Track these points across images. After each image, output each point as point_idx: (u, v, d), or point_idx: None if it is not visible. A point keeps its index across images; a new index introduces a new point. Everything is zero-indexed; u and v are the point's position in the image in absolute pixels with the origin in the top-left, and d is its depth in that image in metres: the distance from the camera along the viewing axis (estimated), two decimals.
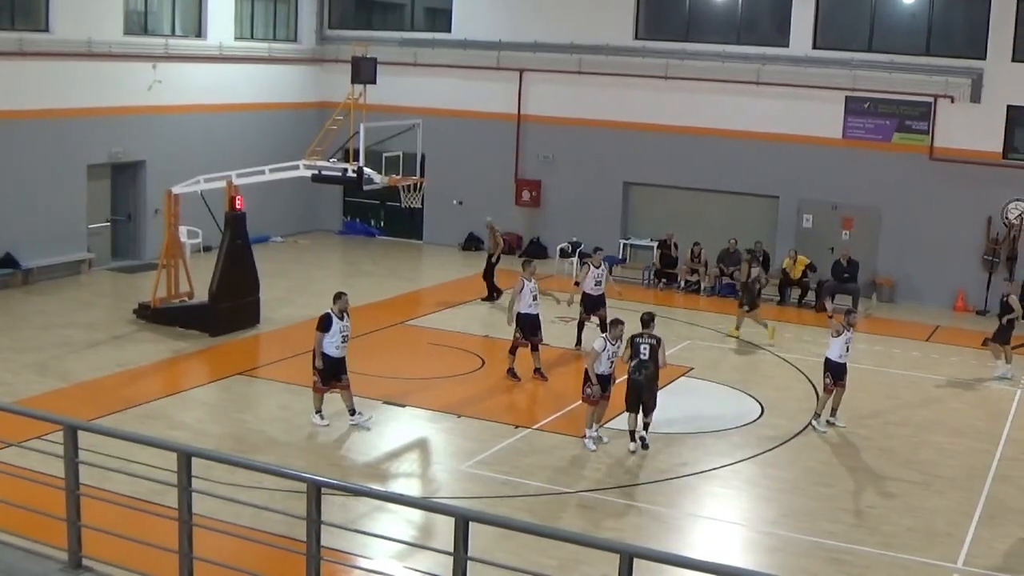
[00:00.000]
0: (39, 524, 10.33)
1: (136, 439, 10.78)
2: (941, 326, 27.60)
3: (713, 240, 30.40)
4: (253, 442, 17.63)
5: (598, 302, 23.62)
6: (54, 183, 27.89)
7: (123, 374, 20.94)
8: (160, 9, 31.22)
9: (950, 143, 29.11)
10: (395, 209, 30.49)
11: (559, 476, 16.79)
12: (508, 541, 12.89)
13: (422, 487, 16.57)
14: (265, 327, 24.56)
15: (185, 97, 31.22)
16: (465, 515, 8.38)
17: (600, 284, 23.71)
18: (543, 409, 19.99)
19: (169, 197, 24.66)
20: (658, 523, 15.43)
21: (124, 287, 27.74)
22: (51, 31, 27.66)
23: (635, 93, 32.14)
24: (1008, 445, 19.16)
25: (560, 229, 33.38)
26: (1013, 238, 28.60)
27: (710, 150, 31.41)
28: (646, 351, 17.82)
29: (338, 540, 12.55)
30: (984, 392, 22.45)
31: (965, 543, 15.07)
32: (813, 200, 30.69)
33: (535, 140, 33.77)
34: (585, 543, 8.83)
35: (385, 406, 19.62)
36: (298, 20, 35.68)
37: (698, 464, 17.67)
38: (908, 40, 29.82)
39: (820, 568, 14.16)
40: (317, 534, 8.92)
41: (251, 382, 21.14)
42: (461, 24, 34.37)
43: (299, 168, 24.54)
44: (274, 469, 11.05)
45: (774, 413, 20.21)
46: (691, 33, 31.92)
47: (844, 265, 28.72)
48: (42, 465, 11.83)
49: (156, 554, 10.03)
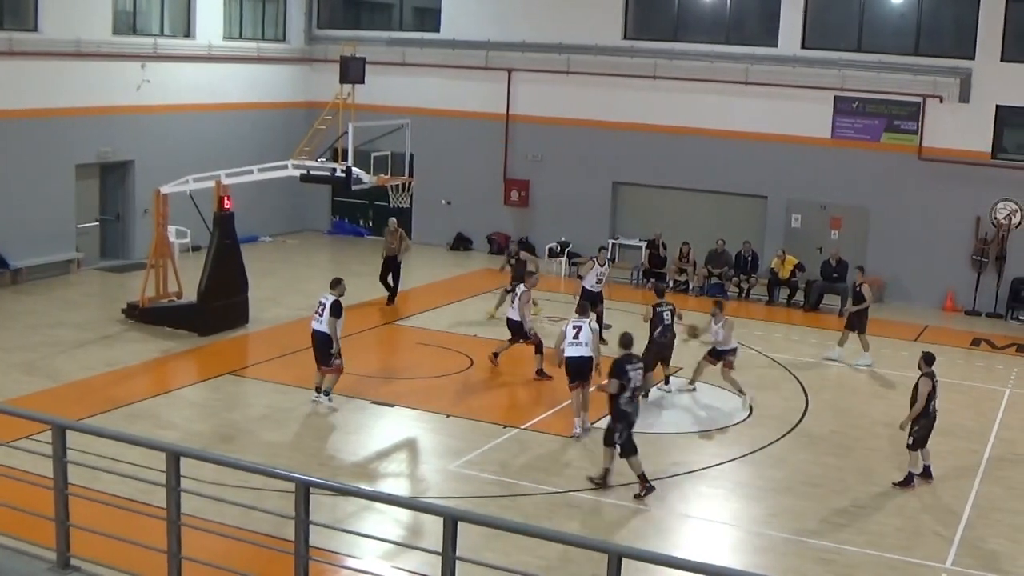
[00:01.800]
0: (27, 524, 10.31)
1: (125, 439, 10.77)
2: (930, 326, 27.65)
3: (702, 240, 30.43)
4: (242, 442, 17.61)
5: (596, 298, 23.82)
6: (43, 183, 27.82)
7: (112, 374, 20.90)
8: (149, 9, 31.16)
9: (939, 143, 29.16)
10: (384, 209, 30.47)
11: (548, 476, 16.78)
12: (497, 541, 12.90)
13: (410, 487, 16.56)
14: (253, 327, 24.52)
15: (174, 97, 31.16)
16: (453, 515, 8.37)
17: (601, 282, 24.11)
18: (532, 409, 19.98)
19: (158, 197, 24.62)
20: (647, 523, 15.43)
21: (113, 287, 27.69)
22: (39, 31, 27.59)
23: (624, 93, 32.15)
24: (996, 445, 19.21)
25: (549, 229, 33.36)
26: (1002, 238, 28.67)
27: (699, 150, 31.44)
28: (668, 317, 20.35)
29: (326, 540, 12.54)
30: (973, 392, 22.49)
31: (953, 543, 15.10)
32: (802, 200, 30.73)
33: (523, 140, 33.76)
34: (574, 543, 8.84)
35: (374, 406, 19.62)
36: (287, 20, 35.63)
37: (687, 464, 17.68)
38: (897, 40, 29.88)
39: (809, 568, 14.19)
40: (305, 534, 8.91)
41: (240, 382, 21.12)
42: (449, 24, 34.35)
43: (288, 168, 24.53)
44: (262, 469, 11.03)
45: (763, 413, 20.23)
46: (679, 33, 31.95)
47: (833, 265, 28.77)
48: (30, 465, 11.81)
49: (144, 554, 10.01)
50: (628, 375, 15.77)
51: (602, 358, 18.46)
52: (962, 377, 23.40)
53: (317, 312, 19.19)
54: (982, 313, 29.01)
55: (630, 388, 15.82)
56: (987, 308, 29.05)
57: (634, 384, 15.90)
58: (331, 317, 18.82)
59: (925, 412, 16.82)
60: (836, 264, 28.75)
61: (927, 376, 16.83)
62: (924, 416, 16.84)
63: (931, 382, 16.77)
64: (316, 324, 19.19)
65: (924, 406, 16.71)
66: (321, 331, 19.07)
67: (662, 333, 20.44)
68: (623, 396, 15.83)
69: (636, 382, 15.95)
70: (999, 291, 28.92)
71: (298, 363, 21.86)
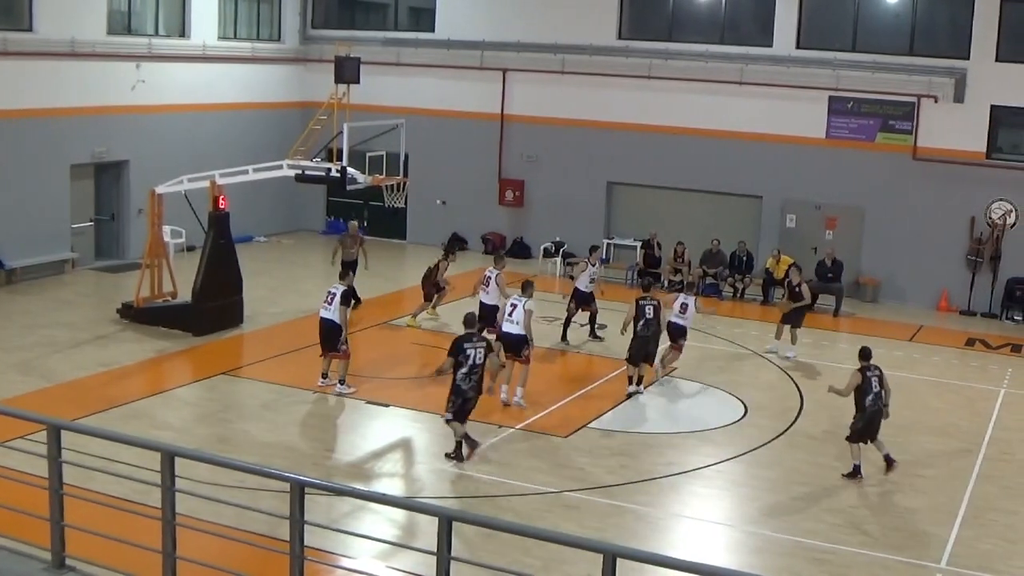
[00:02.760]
0: (22, 524, 10.31)
1: (119, 439, 10.76)
2: (924, 326, 27.68)
3: (697, 240, 30.45)
4: (237, 442, 17.61)
5: (588, 298, 24.05)
6: (38, 183, 27.79)
7: (106, 374, 20.88)
8: (143, 9, 31.14)
9: (933, 143, 29.20)
10: (378, 209, 30.47)
11: (542, 476, 16.78)
12: (491, 541, 12.91)
13: (405, 487, 16.56)
14: (248, 327, 24.51)
15: (169, 97, 31.15)
16: (448, 515, 8.38)
17: (593, 282, 24.34)
18: (526, 409, 19.96)
19: (153, 197, 24.61)
20: (642, 523, 15.44)
21: (107, 287, 27.67)
22: (34, 31, 27.55)
23: (618, 93, 32.17)
24: (991, 445, 19.23)
25: (544, 229, 33.38)
26: (996, 238, 28.71)
27: (693, 150, 31.46)
28: (650, 311, 20.52)
29: (321, 540, 12.54)
30: (967, 392, 22.52)
31: (948, 543, 15.13)
32: (796, 200, 30.76)
33: (518, 140, 33.77)
34: (568, 543, 8.83)
35: (368, 406, 19.62)
36: (281, 20, 35.62)
37: (682, 464, 17.70)
38: (892, 40, 29.91)
39: (803, 568, 14.20)
40: (300, 534, 8.91)
41: (235, 382, 21.10)
42: (444, 24, 34.35)
43: (283, 168, 24.52)
44: (257, 469, 11.04)
45: (758, 413, 20.25)
46: (674, 33, 31.96)
47: (828, 265, 28.79)
48: (25, 465, 11.79)
49: (139, 554, 10.00)
50: (465, 352, 16.69)
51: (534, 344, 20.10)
52: (957, 377, 23.45)
53: (326, 301, 19.89)
54: (977, 313, 29.05)
55: (467, 365, 16.69)
56: (982, 308, 29.09)
57: (472, 361, 16.73)
58: (341, 305, 19.54)
59: (861, 406, 17.09)
60: (831, 264, 28.76)
61: (859, 370, 17.19)
62: (860, 410, 17.11)
63: (862, 376, 17.07)
64: (324, 312, 19.88)
65: (857, 398, 17.06)
66: (329, 319, 19.77)
67: (644, 327, 20.58)
68: (460, 372, 16.74)
69: (476, 359, 16.77)
70: (994, 291, 28.96)
71: (293, 363, 21.87)
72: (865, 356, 17.41)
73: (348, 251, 26.26)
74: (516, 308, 19.69)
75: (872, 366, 17.23)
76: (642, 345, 20.67)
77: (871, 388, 17.02)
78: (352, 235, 26.69)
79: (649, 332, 20.68)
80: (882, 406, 17.19)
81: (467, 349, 16.71)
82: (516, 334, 19.57)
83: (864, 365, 17.24)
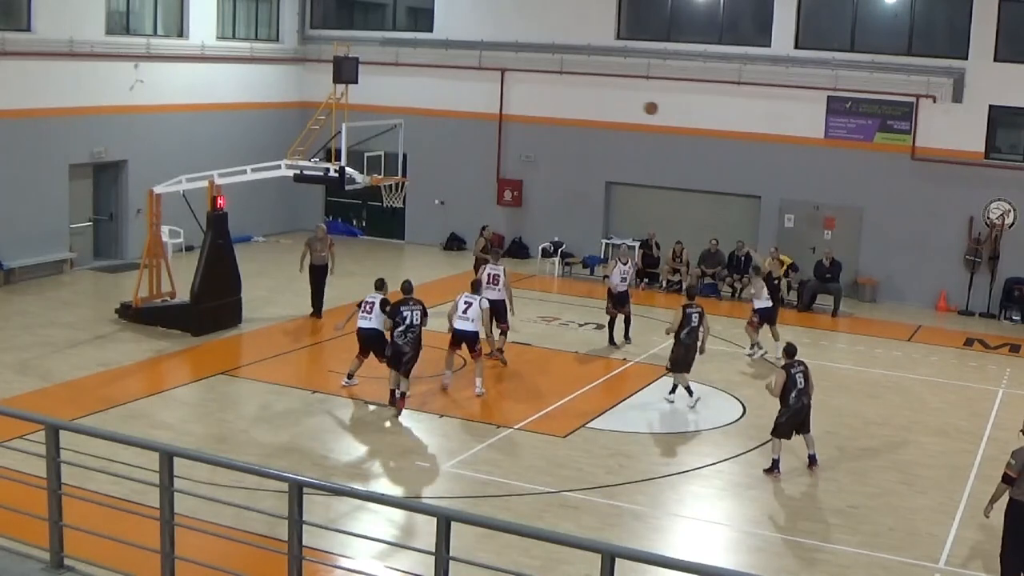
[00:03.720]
0: (21, 524, 10.30)
1: (118, 439, 10.74)
2: (923, 326, 27.67)
3: (695, 240, 30.43)
4: (235, 442, 17.59)
5: (623, 298, 24.07)
6: (36, 183, 27.77)
7: (105, 374, 20.87)
8: (142, 9, 31.12)
9: (932, 143, 29.19)
10: (377, 209, 30.44)
11: (541, 476, 16.77)
12: (490, 541, 12.89)
13: (404, 487, 16.55)
14: (247, 327, 24.49)
15: (167, 97, 31.13)
16: (447, 515, 8.36)
17: (625, 280, 24.26)
18: (525, 409, 19.96)
19: (151, 197, 24.58)
20: (640, 523, 15.43)
21: (106, 287, 27.66)
22: (32, 30, 27.53)
23: (617, 93, 32.16)
24: (990, 444, 19.20)
25: (542, 229, 33.38)
26: (995, 238, 28.71)
27: (692, 150, 31.45)
28: (696, 319, 20.46)
29: (320, 540, 12.52)
30: (966, 392, 22.51)
31: (947, 543, 15.12)
32: (795, 200, 30.75)
33: (517, 140, 33.76)
34: (567, 543, 8.81)
35: (367, 406, 19.61)
36: (280, 20, 35.61)
37: (680, 464, 17.70)
38: (890, 40, 29.90)
39: (801, 568, 14.20)
40: (299, 534, 8.90)
41: (233, 382, 21.09)
42: (443, 24, 34.34)
43: (281, 168, 24.51)
44: (256, 469, 11.04)
45: (756, 413, 20.23)
46: (673, 33, 31.96)
47: (826, 265, 28.77)
48: (24, 465, 11.78)
49: (138, 554, 9.99)
50: (402, 314, 19.00)
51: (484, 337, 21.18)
52: (955, 377, 23.44)
53: (364, 311, 20.03)
54: (975, 313, 29.04)
55: (404, 325, 18.95)
56: (980, 308, 29.09)
57: (409, 322, 18.97)
58: (383, 314, 19.67)
59: (785, 402, 17.19)
60: (830, 264, 28.74)
61: (783, 367, 17.41)
62: (784, 406, 17.21)
63: (787, 373, 17.21)
64: (364, 322, 20.04)
65: (781, 396, 17.17)
66: (370, 328, 19.94)
67: (688, 335, 20.42)
68: (396, 331, 19.00)
69: (412, 320, 19.01)
70: (992, 291, 28.96)
71: (292, 363, 21.86)
72: (790, 353, 17.64)
73: (318, 254, 25.06)
74: (471, 306, 20.32)
75: (796, 363, 17.41)
76: (685, 353, 20.60)
77: (795, 384, 17.18)
78: (321, 237, 25.36)
79: (690, 340, 20.56)
80: (806, 402, 17.29)
81: (403, 311, 18.99)
82: (470, 331, 20.33)
83: (788, 362, 17.45)
